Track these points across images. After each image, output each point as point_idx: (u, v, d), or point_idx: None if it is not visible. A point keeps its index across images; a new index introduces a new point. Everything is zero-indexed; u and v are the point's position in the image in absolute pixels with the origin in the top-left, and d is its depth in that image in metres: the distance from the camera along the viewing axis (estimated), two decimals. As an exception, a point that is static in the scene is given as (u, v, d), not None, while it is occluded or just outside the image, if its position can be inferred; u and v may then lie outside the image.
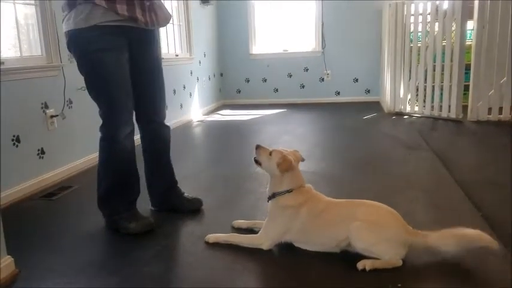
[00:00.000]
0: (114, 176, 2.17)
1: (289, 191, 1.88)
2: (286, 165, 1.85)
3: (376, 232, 1.72)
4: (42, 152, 2.96)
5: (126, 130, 2.10)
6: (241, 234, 2.02)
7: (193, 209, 2.38)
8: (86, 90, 2.12)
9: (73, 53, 2.06)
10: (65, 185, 2.96)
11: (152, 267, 1.83)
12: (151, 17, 2.07)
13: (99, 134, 2.15)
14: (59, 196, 2.76)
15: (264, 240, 1.90)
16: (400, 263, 1.71)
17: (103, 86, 2.04)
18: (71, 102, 3.24)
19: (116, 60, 2.02)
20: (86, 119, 3.40)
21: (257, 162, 1.96)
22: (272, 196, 1.92)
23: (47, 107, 3.00)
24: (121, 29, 1.99)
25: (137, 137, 2.27)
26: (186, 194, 2.42)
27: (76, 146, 3.31)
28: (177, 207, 2.36)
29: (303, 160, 1.99)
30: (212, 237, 2.00)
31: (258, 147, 1.97)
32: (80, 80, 3.27)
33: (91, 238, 2.17)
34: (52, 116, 3.04)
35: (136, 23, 2.01)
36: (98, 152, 2.18)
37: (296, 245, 1.90)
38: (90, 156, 3.44)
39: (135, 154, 2.23)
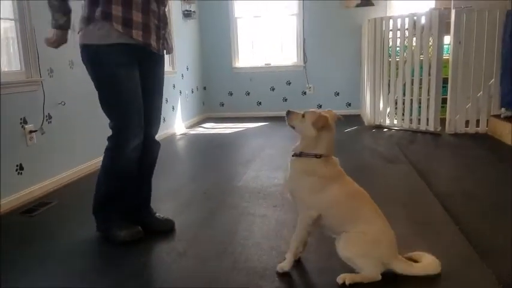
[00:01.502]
0: (115, 185, 2.22)
1: (317, 156, 1.79)
2: (323, 121, 1.75)
3: (366, 248, 1.73)
4: (21, 167, 2.92)
5: (134, 143, 2.16)
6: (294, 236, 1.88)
7: (164, 229, 2.35)
8: (65, 105, 2.13)
9: (87, 66, 2.11)
10: (45, 201, 2.92)
11: (132, 284, 1.81)
12: (164, 44, 2.19)
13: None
14: (39, 212, 2.73)
15: (309, 211, 1.80)
16: (379, 277, 1.73)
17: (116, 100, 2.10)
18: (50, 117, 3.21)
19: (130, 75, 2.09)
20: (65, 134, 3.38)
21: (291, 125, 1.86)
22: (299, 154, 1.82)
23: (25, 122, 2.98)
24: (134, 47, 2.06)
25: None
26: (157, 215, 2.41)
27: (55, 161, 3.28)
28: (147, 226, 2.32)
29: (339, 119, 1.88)
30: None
31: (288, 113, 1.86)
32: (59, 95, 3.30)
33: (71, 254, 2.14)
34: (31, 131, 3.01)
35: (149, 48, 2.10)
36: (78, 167, 2.19)
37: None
38: (70, 172, 3.42)
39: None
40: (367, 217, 1.79)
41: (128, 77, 2.08)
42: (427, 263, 1.78)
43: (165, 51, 2.23)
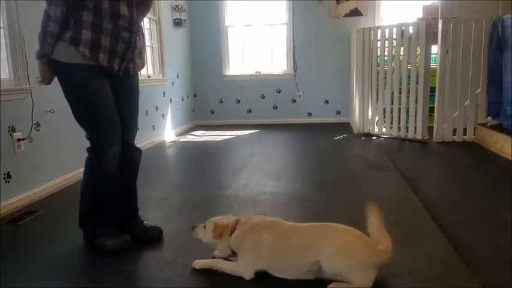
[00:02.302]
0: (97, 194, 2.24)
1: (232, 232, 1.96)
2: (220, 230, 1.96)
3: (347, 257, 1.74)
4: (9, 176, 2.90)
5: (112, 151, 2.18)
6: (226, 261, 1.98)
7: (152, 237, 2.35)
8: (54, 113, 2.14)
9: (59, 80, 2.14)
10: (31, 210, 2.89)
11: (119, 294, 1.81)
12: (128, 66, 2.19)
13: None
14: (25, 221, 2.70)
15: (243, 269, 1.89)
16: (370, 285, 1.73)
17: (88, 112, 2.14)
18: (38, 125, 3.20)
19: (100, 87, 2.12)
20: (53, 142, 3.36)
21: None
22: (232, 251, 1.97)
23: (14, 130, 2.96)
24: (101, 67, 2.09)
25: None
26: (145, 222, 2.41)
27: (43, 169, 3.26)
28: (135, 234, 2.31)
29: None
30: (200, 262, 2.00)
31: (192, 228, 2.11)
32: (48, 103, 3.29)
33: (58, 264, 2.13)
34: (19, 140, 2.99)
35: (113, 70, 2.13)
36: (66, 175, 2.19)
37: (271, 273, 1.88)
38: (58, 180, 3.39)
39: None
40: (330, 236, 1.82)
41: (98, 90, 2.11)
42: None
43: (130, 72, 2.22)
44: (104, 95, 2.13)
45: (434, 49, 4.90)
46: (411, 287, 1.78)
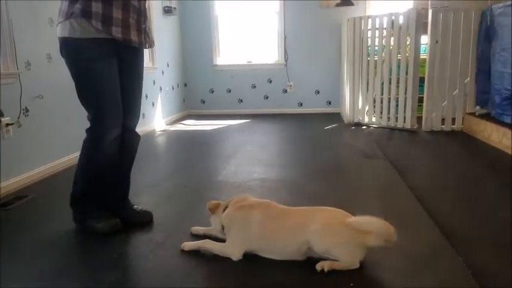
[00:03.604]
0: (93, 177, 2.23)
1: (225, 209, 2.00)
2: (213, 206, 2.07)
3: (334, 235, 1.78)
4: (-3, 161, 2.88)
5: (113, 134, 2.16)
6: (214, 242, 2.00)
7: (142, 221, 2.35)
8: (43, 99, 2.12)
9: (65, 59, 2.11)
10: (20, 195, 2.88)
11: (109, 275, 1.81)
12: (145, 38, 2.20)
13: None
14: (14, 206, 2.69)
15: (231, 250, 1.91)
16: (357, 265, 1.76)
17: (93, 93, 2.11)
18: (27, 110, 3.17)
19: (107, 68, 2.10)
20: (42, 127, 3.34)
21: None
22: (222, 227, 2.01)
23: (2, 114, 2.92)
24: (114, 41, 2.06)
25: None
26: (135, 207, 2.41)
27: (32, 155, 3.23)
28: (125, 219, 2.31)
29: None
30: (188, 244, 2.01)
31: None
32: (37, 88, 3.26)
33: (47, 247, 2.12)
34: (7, 124, 2.96)
35: (130, 43, 2.11)
36: (55, 162, 2.18)
37: (260, 254, 1.90)
38: (47, 166, 3.38)
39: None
40: (318, 216, 1.85)
41: (105, 70, 2.09)
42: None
43: (146, 45, 2.23)
44: (111, 75, 2.12)
45: (424, 39, 4.94)
46: (398, 267, 1.81)
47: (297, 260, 1.85)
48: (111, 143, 2.18)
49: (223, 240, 1.99)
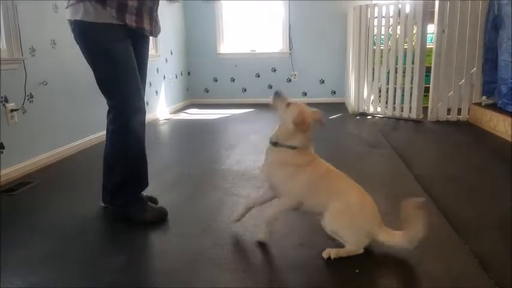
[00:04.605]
0: (128, 166, 2.16)
1: (293, 147, 1.83)
2: (304, 126, 1.78)
3: (349, 218, 1.77)
4: (2, 146, 2.87)
5: (140, 117, 2.12)
6: (268, 209, 1.95)
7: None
8: (47, 85, 2.08)
9: (81, 43, 2.04)
10: (25, 181, 2.88)
11: (115, 259, 1.82)
12: (155, 26, 2.17)
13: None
14: (19, 191, 2.69)
15: (288, 200, 1.85)
16: (361, 250, 1.77)
17: (116, 76, 2.04)
18: (32, 96, 3.16)
19: (127, 51, 2.06)
20: (47, 113, 3.34)
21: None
22: (274, 144, 1.87)
23: (6, 100, 2.92)
24: (127, 28, 2.02)
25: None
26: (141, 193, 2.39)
27: (37, 141, 3.23)
28: None
29: (321, 122, 1.87)
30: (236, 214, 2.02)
31: (276, 94, 1.90)
32: (41, 74, 3.26)
33: (52, 231, 2.13)
34: (12, 110, 2.96)
35: (143, 31, 2.09)
36: (60, 148, 2.14)
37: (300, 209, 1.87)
38: (52, 152, 3.38)
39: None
40: (343, 192, 1.83)
41: (126, 53, 2.05)
42: (409, 232, 1.74)
43: (155, 33, 2.21)
44: (131, 59, 2.07)
45: (431, 28, 4.89)
46: (404, 255, 1.80)
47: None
48: (141, 126, 2.14)
49: None
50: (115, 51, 2.01)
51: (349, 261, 1.73)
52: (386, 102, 5.20)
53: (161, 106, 5.78)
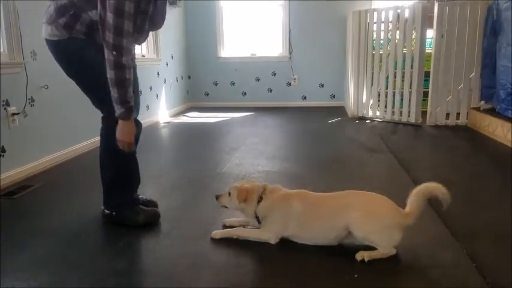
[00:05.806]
0: (120, 163, 2.18)
1: (260, 200, 1.98)
2: (244, 194, 1.97)
3: (374, 221, 1.81)
4: (3, 150, 2.89)
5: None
6: (248, 229, 2.05)
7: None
8: (48, 89, 2.09)
9: (72, 58, 2.06)
10: (26, 184, 2.90)
11: (115, 263, 1.83)
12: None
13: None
14: (20, 195, 2.71)
15: (269, 235, 1.94)
16: (394, 251, 1.80)
17: (102, 81, 1.98)
18: (33, 100, 3.18)
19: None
20: (48, 117, 3.36)
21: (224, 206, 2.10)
22: (257, 218, 2.00)
23: (8, 104, 2.94)
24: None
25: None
26: (140, 196, 2.40)
27: (38, 144, 3.25)
28: None
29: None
30: (219, 233, 2.03)
31: (216, 198, 2.11)
32: (42, 78, 3.27)
33: (53, 235, 2.14)
34: (13, 114, 2.98)
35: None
36: (60, 152, 2.14)
37: (294, 240, 1.94)
38: (52, 156, 3.39)
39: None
40: (351, 203, 1.87)
41: (103, 58, 2.00)
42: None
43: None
44: None
45: (430, 33, 4.91)
46: (401, 259, 1.82)
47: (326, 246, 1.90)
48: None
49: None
50: (94, 59, 1.98)
51: (348, 267, 1.75)
52: (386, 106, 5.22)
53: (162, 109, 5.80)
